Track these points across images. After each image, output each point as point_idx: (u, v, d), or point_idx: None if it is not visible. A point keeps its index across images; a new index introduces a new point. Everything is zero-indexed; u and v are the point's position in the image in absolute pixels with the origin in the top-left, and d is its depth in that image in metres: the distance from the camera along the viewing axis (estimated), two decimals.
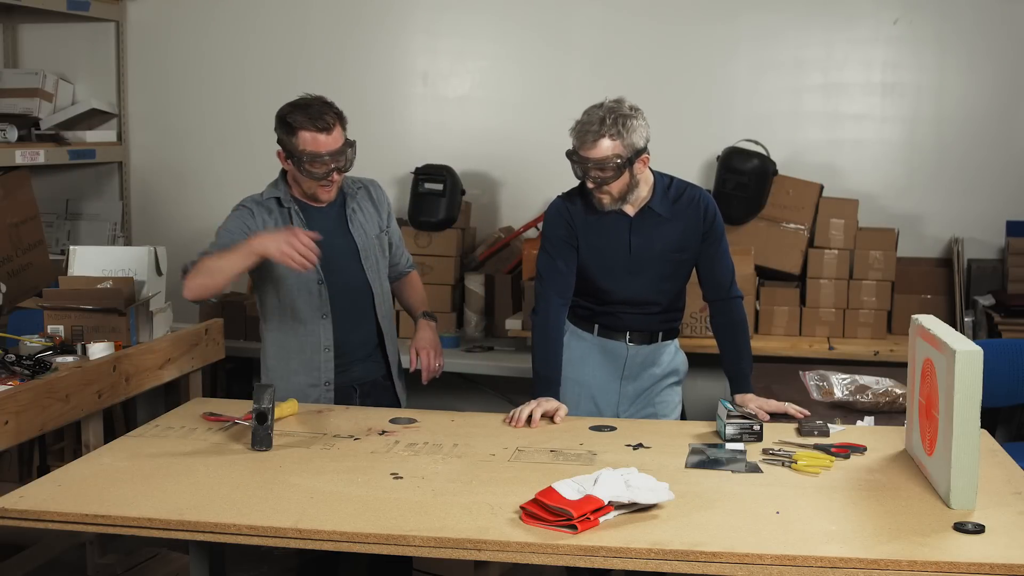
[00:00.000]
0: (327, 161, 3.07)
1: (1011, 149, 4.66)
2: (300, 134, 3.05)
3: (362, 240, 3.23)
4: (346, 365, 3.21)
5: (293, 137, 3.07)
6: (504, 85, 5.06)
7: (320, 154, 3.06)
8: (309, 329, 3.17)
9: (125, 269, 3.58)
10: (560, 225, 3.15)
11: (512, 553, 2.11)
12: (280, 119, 3.11)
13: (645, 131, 3.01)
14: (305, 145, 3.06)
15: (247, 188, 5.19)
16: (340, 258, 3.17)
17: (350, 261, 3.20)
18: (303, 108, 3.08)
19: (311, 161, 3.06)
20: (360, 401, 3.23)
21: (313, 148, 3.05)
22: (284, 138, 3.10)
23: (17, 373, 3.09)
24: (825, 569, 2.01)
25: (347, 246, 3.20)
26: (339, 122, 3.10)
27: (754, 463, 2.57)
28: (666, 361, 3.28)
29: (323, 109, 3.07)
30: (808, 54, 4.79)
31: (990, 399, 2.39)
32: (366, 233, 3.24)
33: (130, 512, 2.28)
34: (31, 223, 4.57)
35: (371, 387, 3.28)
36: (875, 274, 4.49)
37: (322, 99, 3.11)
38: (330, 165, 3.08)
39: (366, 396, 3.25)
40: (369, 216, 3.27)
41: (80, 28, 5.30)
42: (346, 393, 3.22)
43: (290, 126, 3.07)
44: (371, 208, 3.29)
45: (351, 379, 3.23)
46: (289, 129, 3.08)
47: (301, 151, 3.06)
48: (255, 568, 4.11)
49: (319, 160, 3.06)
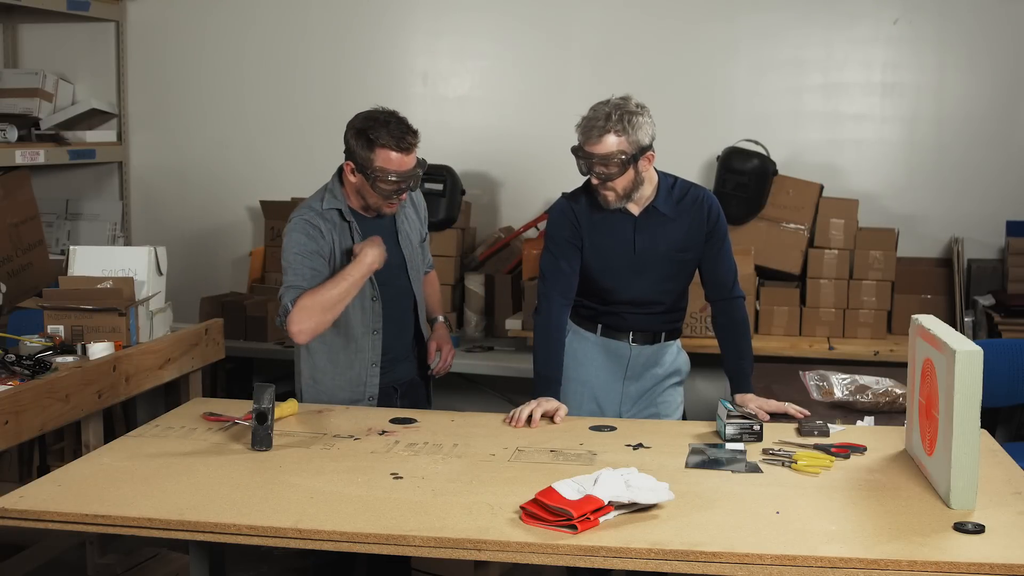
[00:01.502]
0: (400, 181, 3.01)
1: (1011, 149, 4.66)
2: (380, 152, 2.98)
3: (409, 251, 3.21)
4: (389, 369, 3.21)
5: (371, 152, 2.98)
6: (504, 84, 5.06)
7: (398, 173, 3.00)
8: (360, 345, 3.14)
9: (125, 269, 3.57)
10: (564, 225, 3.15)
11: (512, 553, 2.11)
12: (359, 132, 3.01)
13: (651, 129, 3.01)
14: (384, 163, 2.98)
15: (247, 188, 5.25)
16: (390, 271, 3.13)
17: (399, 273, 3.19)
18: (385, 124, 2.99)
19: (386, 179, 3.00)
20: (399, 402, 3.22)
21: (392, 167, 2.99)
22: (360, 151, 3.00)
23: (17, 373, 3.09)
24: (825, 569, 2.01)
25: (396, 258, 3.17)
26: (417, 141, 3.04)
27: (754, 463, 2.56)
28: (669, 361, 3.28)
29: (405, 128, 3.00)
30: (808, 54, 4.80)
31: (990, 399, 2.39)
32: (412, 244, 3.23)
33: (130, 512, 2.28)
34: (31, 223, 4.57)
35: (408, 387, 3.28)
36: (875, 274, 4.49)
37: (397, 115, 3.03)
38: (402, 185, 3.03)
39: (404, 397, 3.25)
40: (413, 225, 3.26)
41: (80, 28, 5.31)
42: (387, 394, 3.20)
43: (371, 141, 2.98)
44: (414, 216, 3.28)
45: (393, 380, 3.22)
46: (368, 144, 2.98)
47: (378, 168, 2.99)
48: (255, 568, 4.11)
49: (394, 179, 3.00)
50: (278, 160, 5.20)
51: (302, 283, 2.97)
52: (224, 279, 5.31)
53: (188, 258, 5.16)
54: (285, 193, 4.91)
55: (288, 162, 5.16)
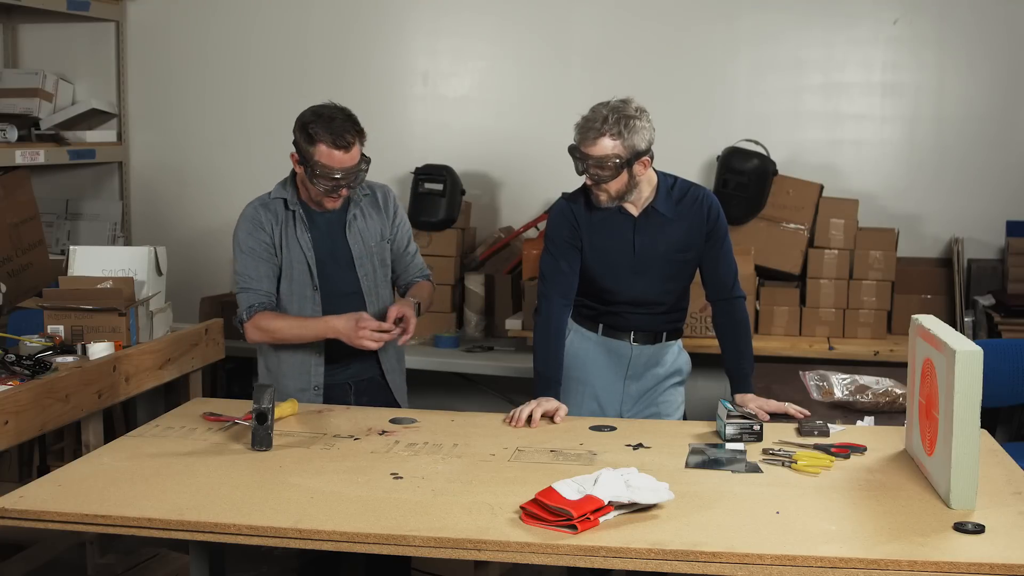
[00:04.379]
0: (339, 178, 3.05)
1: (1011, 149, 4.66)
2: (318, 147, 3.02)
3: (358, 248, 3.21)
4: (338, 366, 3.22)
5: (311, 147, 3.03)
6: (504, 85, 5.06)
7: (334, 169, 3.03)
8: None
9: (125, 269, 3.57)
10: (564, 226, 3.15)
11: (512, 553, 2.11)
12: (302, 127, 3.06)
13: (648, 133, 3.01)
14: (321, 158, 3.02)
15: (247, 188, 5.19)
16: (335, 264, 3.17)
17: (345, 268, 3.20)
18: (327, 121, 3.02)
19: (324, 175, 3.04)
20: (355, 399, 3.23)
21: (328, 163, 3.02)
22: (302, 144, 3.06)
23: (17, 373, 3.09)
24: (825, 569, 2.01)
25: (342, 252, 3.19)
26: (359, 140, 3.06)
27: (754, 463, 2.56)
28: (669, 361, 3.28)
29: (346, 126, 3.03)
30: (808, 54, 4.80)
31: (990, 399, 2.39)
32: (363, 240, 3.22)
33: (130, 512, 2.27)
34: (31, 223, 4.57)
35: (367, 385, 3.28)
36: (875, 274, 4.49)
37: (346, 112, 3.06)
38: (340, 181, 3.06)
39: (361, 394, 3.26)
40: (371, 223, 3.24)
41: (80, 28, 5.31)
42: (341, 390, 3.23)
43: (311, 136, 3.02)
44: (375, 215, 3.26)
45: (345, 377, 3.24)
46: (309, 139, 3.03)
47: (316, 162, 3.03)
48: (255, 568, 4.11)
49: (332, 175, 3.04)
50: (278, 160, 5.16)
51: (254, 285, 3.13)
52: (224, 279, 5.31)
53: (188, 258, 5.16)
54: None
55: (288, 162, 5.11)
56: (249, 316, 3.13)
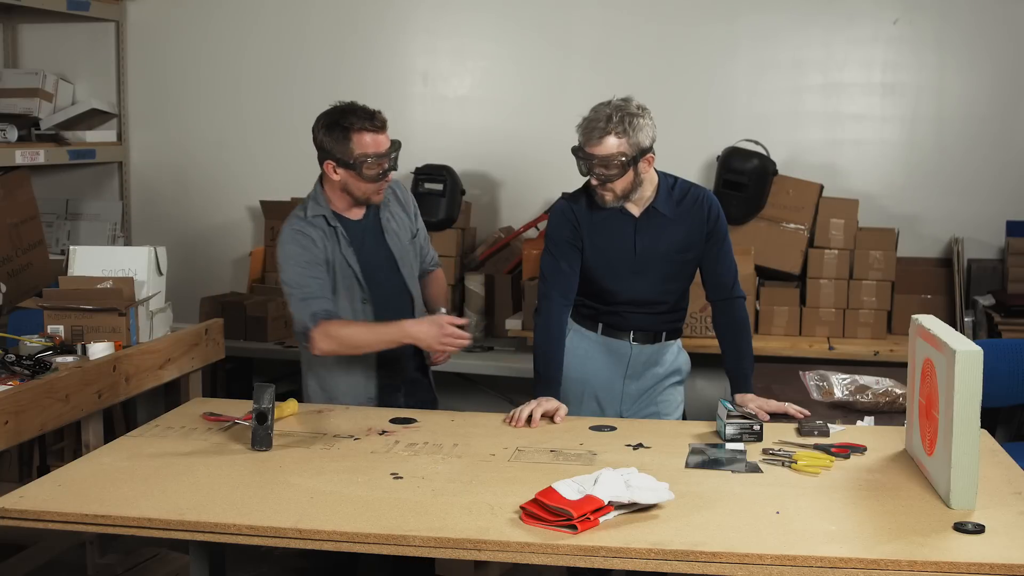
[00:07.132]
0: (385, 160, 3.00)
1: (1011, 149, 4.66)
2: (359, 136, 2.97)
3: (398, 249, 3.20)
4: (393, 369, 3.20)
5: (348, 141, 2.97)
6: (504, 85, 5.06)
7: (381, 154, 2.99)
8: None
9: (125, 269, 3.57)
10: (564, 226, 3.15)
11: (512, 553, 2.11)
12: (330, 125, 3.00)
13: (651, 131, 3.02)
14: (364, 148, 2.97)
15: (246, 188, 5.25)
16: (380, 271, 3.15)
17: (390, 272, 3.18)
18: (352, 111, 2.99)
19: (373, 161, 2.98)
20: (404, 400, 3.22)
21: (374, 148, 2.98)
22: (335, 145, 2.99)
23: (17, 373, 3.09)
24: (825, 569, 2.01)
25: (386, 257, 3.17)
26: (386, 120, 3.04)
27: (754, 463, 2.57)
28: (669, 361, 3.28)
29: (370, 109, 3.00)
30: (808, 54, 4.80)
31: (990, 399, 2.39)
32: (400, 241, 3.21)
33: (130, 512, 2.28)
34: (31, 223, 4.57)
35: (412, 385, 3.27)
36: (875, 274, 4.49)
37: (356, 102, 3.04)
38: (385, 165, 3.01)
39: (410, 395, 3.24)
40: (401, 222, 3.24)
41: (80, 28, 5.31)
42: (390, 392, 3.20)
43: (346, 129, 2.97)
44: (401, 212, 3.26)
45: (397, 379, 3.22)
46: (344, 133, 2.97)
47: (359, 154, 2.98)
48: (255, 568, 4.11)
49: (380, 160, 2.99)
50: (278, 160, 5.20)
51: (315, 294, 2.99)
52: (224, 279, 5.32)
53: (188, 258, 5.16)
54: (285, 193, 4.91)
55: (288, 162, 5.14)
56: (315, 323, 2.97)
